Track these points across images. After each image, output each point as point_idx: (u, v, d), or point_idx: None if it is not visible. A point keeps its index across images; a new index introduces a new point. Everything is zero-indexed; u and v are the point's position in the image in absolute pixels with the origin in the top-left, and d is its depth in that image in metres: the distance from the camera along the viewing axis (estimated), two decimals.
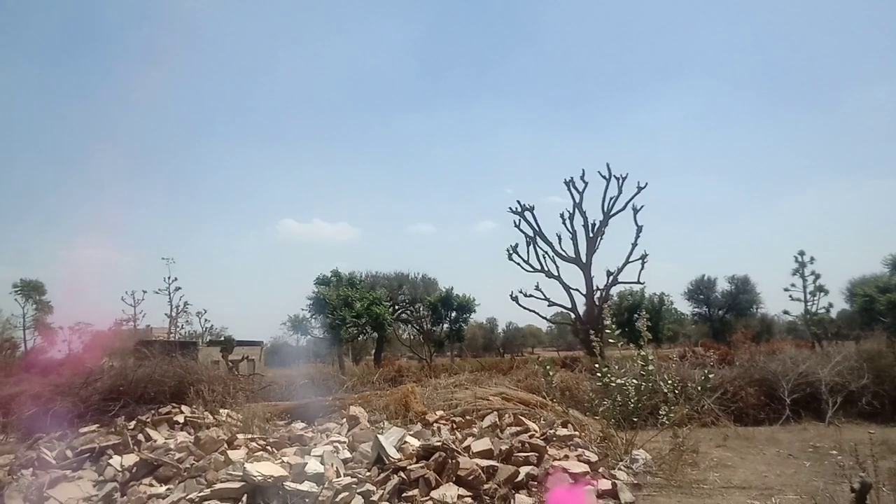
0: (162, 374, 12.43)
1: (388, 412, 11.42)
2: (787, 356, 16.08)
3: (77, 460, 8.70)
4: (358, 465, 8.06)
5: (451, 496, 7.05)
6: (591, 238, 31.14)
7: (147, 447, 8.94)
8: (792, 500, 7.09)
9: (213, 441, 8.76)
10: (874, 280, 41.36)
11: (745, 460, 9.86)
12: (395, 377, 18.75)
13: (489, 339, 69.98)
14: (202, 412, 10.89)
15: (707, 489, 8.02)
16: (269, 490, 7.03)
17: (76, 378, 12.59)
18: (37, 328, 47.76)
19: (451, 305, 41.19)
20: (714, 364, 10.97)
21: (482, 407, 11.43)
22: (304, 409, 12.06)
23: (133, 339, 23.80)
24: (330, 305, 36.14)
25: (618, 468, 8.59)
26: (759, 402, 14.09)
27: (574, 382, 14.66)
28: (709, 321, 57.69)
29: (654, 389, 10.31)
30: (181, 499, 7.06)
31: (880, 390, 13.72)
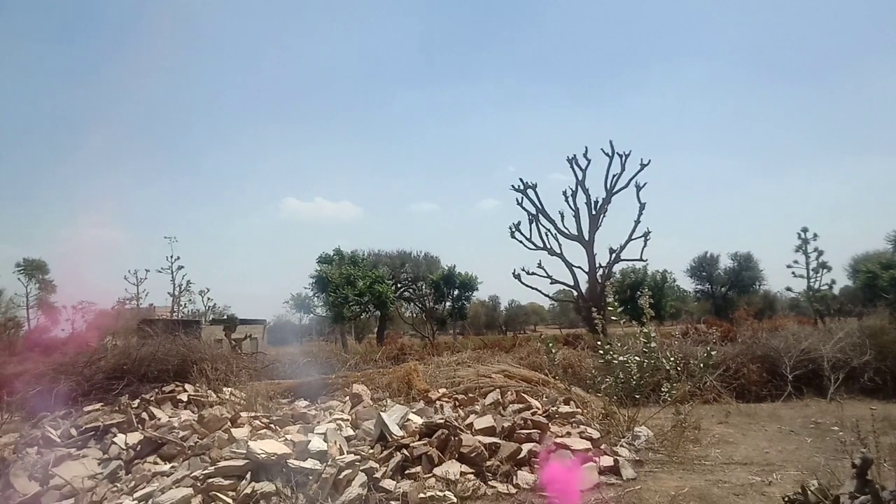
0: (165, 352, 12.46)
1: (390, 390, 11.46)
2: (790, 333, 16.08)
3: (81, 439, 8.74)
4: (361, 443, 8.09)
5: (453, 473, 7.08)
6: (593, 215, 31.09)
7: (151, 425, 8.98)
8: (793, 476, 7.11)
9: (217, 419, 8.79)
10: (877, 256, 41.28)
11: (747, 437, 9.89)
12: (397, 355, 18.82)
13: (492, 317, 70.16)
14: (205, 390, 10.93)
15: (709, 465, 8.05)
16: (273, 468, 7.06)
17: (80, 357, 12.62)
18: (40, 307, 47.93)
19: (453, 283, 41.22)
20: (716, 341, 10.98)
21: (485, 384, 11.46)
22: (307, 387, 12.10)
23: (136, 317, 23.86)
24: (332, 284, 36.17)
25: (620, 445, 8.61)
26: (761, 379, 14.11)
27: (576, 360, 14.68)
28: (711, 298, 57.74)
29: (657, 366, 10.33)
30: (185, 476, 7.09)
31: (882, 367, 13.73)
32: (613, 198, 31.11)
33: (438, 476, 7.06)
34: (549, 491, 6.65)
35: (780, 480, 7.10)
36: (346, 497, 6.75)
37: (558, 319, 74.43)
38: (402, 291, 46.10)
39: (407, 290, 46.73)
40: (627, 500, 6.53)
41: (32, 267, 50.58)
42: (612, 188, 30.98)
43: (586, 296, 31.03)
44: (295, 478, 6.95)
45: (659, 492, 6.79)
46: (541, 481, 6.96)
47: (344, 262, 38.83)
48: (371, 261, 43.63)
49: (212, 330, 24.35)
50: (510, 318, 72.55)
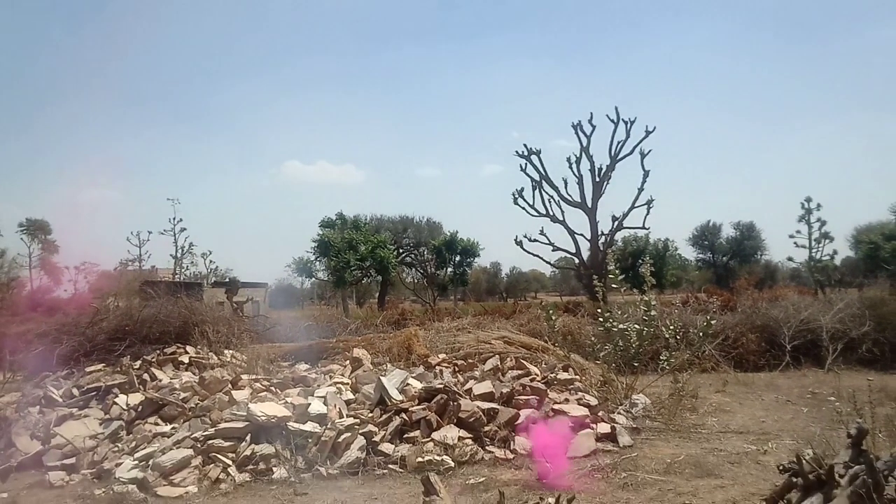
0: (167, 314, 12.49)
1: (391, 355, 11.50)
2: (790, 303, 16.11)
3: (83, 399, 8.80)
4: (360, 407, 8.14)
5: (452, 437, 7.14)
6: (597, 183, 30.94)
7: (152, 387, 9.04)
8: (788, 445, 7.17)
9: (218, 381, 8.85)
10: (880, 227, 41.15)
11: (744, 406, 9.95)
12: (398, 320, 18.88)
13: (493, 284, 70.28)
14: (207, 353, 10.98)
15: (705, 433, 8.11)
16: (273, 430, 7.13)
17: (82, 317, 12.65)
18: (42, 267, 47.98)
19: (455, 249, 41.19)
20: (716, 310, 11.00)
21: (484, 350, 11.50)
22: (307, 350, 12.15)
23: (138, 279, 23.89)
24: (334, 248, 36.18)
25: (617, 412, 8.66)
26: (759, 349, 14.16)
27: (576, 327, 14.73)
28: (713, 267, 57.76)
29: (656, 335, 10.36)
30: (186, 437, 7.16)
31: (881, 338, 13.76)
32: (617, 165, 30.93)
33: (437, 440, 7.12)
34: (538, 457, 6.72)
35: (775, 449, 7.16)
36: (345, 460, 6.82)
37: (559, 287, 74.48)
38: (404, 257, 46.11)
39: (409, 255, 46.74)
40: (624, 466, 6.59)
41: (35, 227, 50.55)
42: (617, 155, 30.79)
43: (588, 263, 31.02)
44: (294, 440, 7.01)
45: (655, 459, 6.85)
46: (533, 447, 7.01)
47: (346, 227, 38.80)
48: (373, 225, 43.58)
49: (213, 292, 24.43)
50: (511, 284, 72.64)
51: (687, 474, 6.28)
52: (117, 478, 6.35)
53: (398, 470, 6.76)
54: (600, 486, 6.06)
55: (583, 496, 5.57)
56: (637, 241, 46.05)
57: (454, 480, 6.29)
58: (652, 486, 5.91)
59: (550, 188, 31.39)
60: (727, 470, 6.40)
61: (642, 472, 6.36)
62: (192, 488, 6.34)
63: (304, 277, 45.26)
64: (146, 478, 6.34)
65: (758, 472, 6.33)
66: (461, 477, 6.42)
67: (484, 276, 66.62)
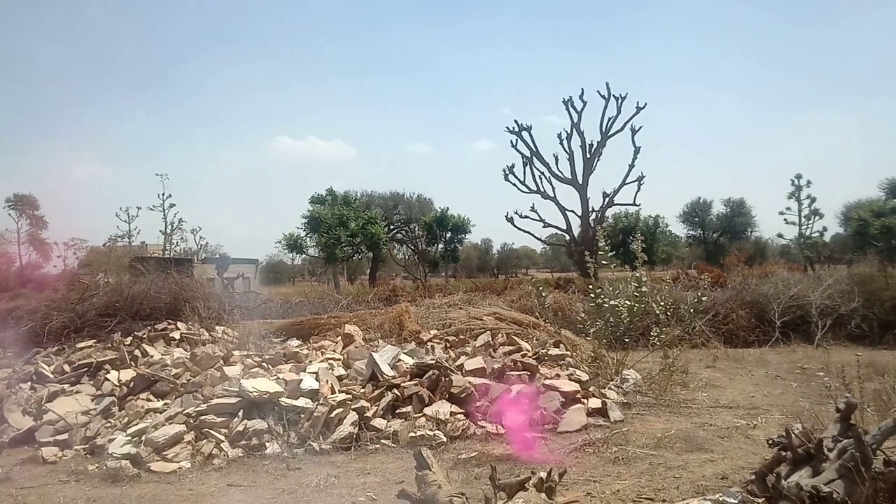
0: (157, 290, 12.44)
1: (382, 331, 11.52)
2: (779, 279, 16.22)
3: (75, 375, 8.79)
4: (352, 382, 8.17)
5: (443, 413, 7.17)
6: (588, 159, 30.92)
7: (144, 363, 9.03)
8: (778, 420, 7.23)
9: (209, 357, 8.85)
10: (869, 204, 41.32)
11: (734, 381, 10.02)
12: (389, 296, 18.87)
13: (484, 260, 70.26)
14: (198, 329, 10.96)
15: (695, 408, 8.17)
16: (265, 406, 7.14)
17: (72, 293, 12.59)
18: (31, 243, 47.76)
19: (446, 226, 41.10)
20: (706, 287, 11.04)
21: (476, 326, 11.53)
22: (299, 326, 12.15)
23: (128, 255, 23.79)
24: (325, 224, 36.06)
25: (608, 387, 8.71)
26: (749, 325, 14.26)
27: (567, 303, 14.76)
28: (703, 244, 57.88)
29: (647, 311, 10.39)
30: (178, 413, 7.16)
31: (870, 313, 13.87)
32: (608, 141, 30.91)
33: (429, 415, 7.16)
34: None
35: (764, 424, 7.22)
36: (338, 435, 6.85)
37: (550, 263, 74.51)
38: (395, 233, 46.01)
39: (399, 231, 46.62)
40: (614, 441, 6.63)
41: (23, 202, 50.15)
42: (608, 131, 30.75)
43: (578, 240, 31.09)
44: (287, 416, 7.04)
45: (645, 433, 6.89)
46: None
47: (336, 203, 38.64)
48: (364, 202, 43.42)
49: (204, 268, 24.39)
50: (502, 261, 72.64)
51: (677, 448, 6.33)
52: (110, 453, 6.36)
53: (390, 445, 6.79)
54: (591, 460, 6.11)
55: (574, 470, 5.62)
56: (628, 218, 46.03)
57: (446, 455, 6.33)
58: (642, 461, 5.95)
59: (541, 164, 31.38)
60: (717, 444, 6.45)
61: (633, 447, 6.40)
62: (186, 464, 6.35)
63: (294, 254, 45.08)
64: (139, 453, 6.35)
65: (747, 446, 6.38)
66: (453, 451, 6.46)
67: (475, 252, 66.56)
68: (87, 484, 5.91)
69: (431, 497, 4.18)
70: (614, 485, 5.27)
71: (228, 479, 5.94)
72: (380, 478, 5.81)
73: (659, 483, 5.26)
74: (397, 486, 4.97)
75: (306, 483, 5.66)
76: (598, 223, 29.69)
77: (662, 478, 5.41)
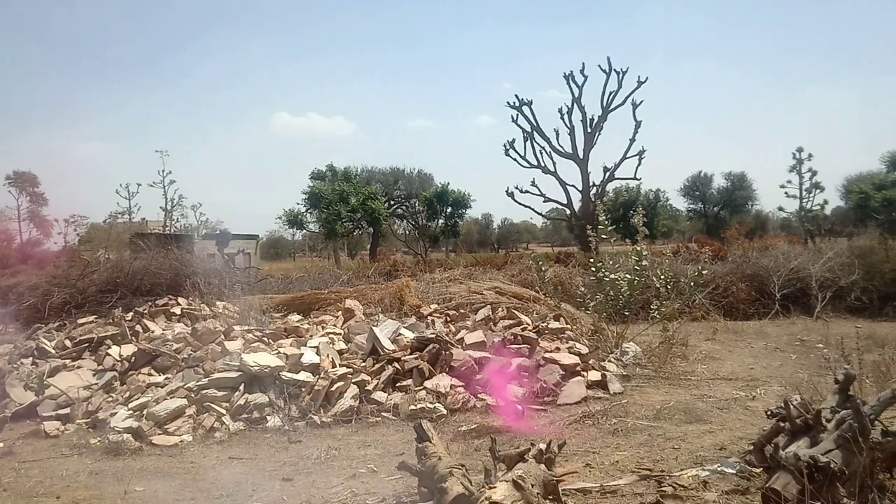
0: (158, 266, 12.43)
1: (383, 305, 11.54)
2: (780, 252, 16.20)
3: (76, 350, 8.81)
4: (353, 357, 8.19)
5: (443, 386, 7.20)
6: (588, 133, 30.82)
7: (145, 338, 9.04)
8: (777, 391, 7.26)
9: (210, 332, 8.86)
10: (870, 177, 41.14)
11: (733, 353, 10.05)
12: (390, 271, 18.86)
13: (484, 235, 70.18)
14: (198, 304, 10.97)
15: (694, 380, 8.20)
16: (266, 380, 7.16)
17: (72, 269, 12.58)
18: (31, 220, 47.74)
19: (446, 201, 40.98)
20: (707, 260, 11.04)
21: (476, 301, 11.55)
22: (300, 301, 12.16)
23: (128, 231, 23.75)
24: (325, 200, 35.99)
25: (608, 360, 8.74)
26: (749, 297, 14.28)
27: (567, 277, 14.77)
28: (704, 217, 57.84)
29: (647, 284, 10.40)
30: (179, 388, 7.19)
31: (870, 286, 13.90)
32: (609, 115, 30.81)
33: (429, 388, 7.18)
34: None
35: (763, 395, 7.25)
36: (339, 408, 6.88)
37: (551, 238, 74.43)
38: (395, 208, 45.93)
39: (400, 207, 46.54)
40: (614, 412, 6.66)
41: (23, 179, 50.08)
42: (609, 106, 30.62)
43: (579, 214, 31.06)
44: (288, 389, 7.06)
45: (645, 405, 6.93)
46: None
47: (337, 179, 38.53)
48: (364, 177, 43.32)
49: (204, 244, 24.36)
50: (503, 236, 72.52)
51: (676, 420, 6.36)
52: (112, 427, 6.39)
53: (391, 418, 6.83)
54: (591, 431, 6.15)
55: (573, 442, 5.65)
56: (628, 192, 45.99)
57: (446, 427, 6.36)
58: (642, 432, 5.99)
59: (542, 139, 31.29)
60: (716, 415, 6.48)
61: (632, 418, 6.43)
62: (187, 437, 6.39)
63: (294, 230, 45.02)
64: (141, 427, 6.38)
65: (746, 417, 6.41)
66: (453, 424, 6.49)
67: (475, 227, 66.46)
68: (90, 457, 5.94)
69: (431, 469, 4.20)
70: (613, 456, 5.30)
71: (230, 452, 5.98)
72: (380, 450, 5.85)
73: (658, 454, 5.29)
74: (398, 457, 5.01)
75: (307, 455, 5.69)
76: (599, 198, 29.68)
77: (661, 449, 5.44)
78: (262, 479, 5.10)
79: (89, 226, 34.98)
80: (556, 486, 4.02)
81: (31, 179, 50.24)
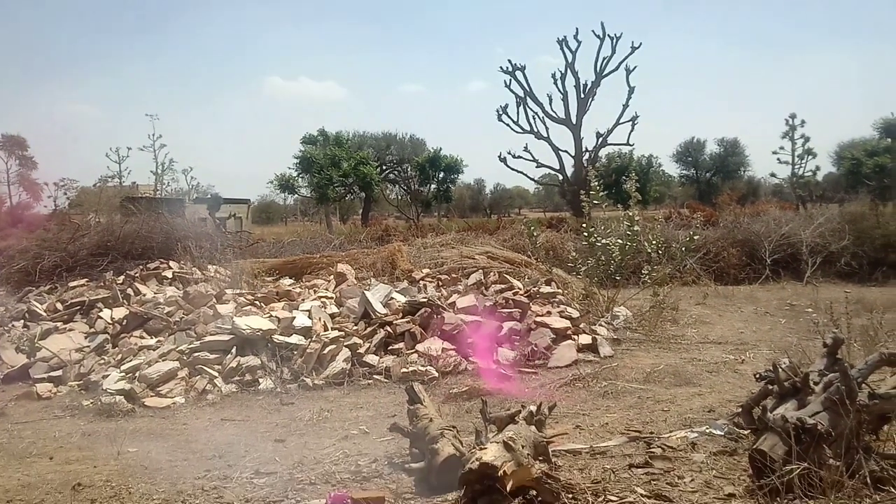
0: (149, 230, 12.39)
1: (374, 270, 11.52)
2: (771, 218, 16.28)
3: (67, 313, 8.79)
4: (345, 320, 8.20)
5: (435, 349, 7.23)
6: (582, 99, 30.69)
7: (136, 301, 9.02)
8: (766, 355, 7.31)
9: (202, 296, 8.84)
10: (863, 143, 41.15)
11: (723, 317, 10.12)
12: (382, 236, 18.87)
13: (476, 200, 69.99)
14: (190, 268, 10.94)
15: (685, 344, 8.26)
16: (258, 343, 7.18)
17: (63, 233, 12.52)
18: (21, 184, 47.37)
19: (438, 166, 40.86)
20: (699, 225, 11.08)
21: (468, 265, 11.55)
22: (291, 266, 12.14)
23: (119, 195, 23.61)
24: (317, 165, 35.84)
25: (599, 324, 8.77)
26: (740, 263, 14.37)
27: (559, 242, 14.80)
28: (696, 183, 57.78)
29: (638, 250, 10.42)
30: (171, 350, 7.21)
31: (860, 251, 13.99)
32: (603, 81, 30.64)
33: (421, 352, 7.21)
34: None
35: (752, 359, 7.32)
36: (331, 371, 6.91)
37: (543, 203, 74.28)
38: (387, 174, 45.74)
39: (392, 172, 46.36)
40: (604, 375, 6.71)
41: (11, 143, 49.55)
42: (602, 71, 30.45)
43: (572, 180, 31.01)
44: (280, 352, 7.08)
45: (635, 368, 6.98)
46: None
47: (328, 143, 38.33)
48: (356, 142, 43.08)
49: (195, 208, 24.27)
50: (495, 201, 72.31)
51: (666, 383, 6.41)
52: (104, 389, 6.41)
53: (383, 380, 6.87)
54: (581, 394, 6.20)
55: (563, 404, 5.69)
56: (621, 158, 45.82)
57: (438, 390, 6.40)
58: (631, 395, 6.04)
59: (535, 104, 31.14)
60: (705, 378, 6.54)
61: (622, 381, 6.49)
62: (180, 399, 6.41)
63: (286, 194, 44.81)
64: (133, 389, 6.40)
65: (735, 380, 6.47)
66: (445, 387, 6.52)
67: (468, 192, 66.23)
68: (82, 419, 5.96)
69: (423, 430, 4.23)
70: (603, 418, 5.35)
71: (222, 414, 6.01)
72: (372, 412, 5.89)
73: (647, 416, 5.34)
74: (389, 419, 5.04)
75: (299, 417, 5.73)
76: (591, 163, 29.62)
77: (650, 411, 5.49)
78: (254, 440, 5.13)
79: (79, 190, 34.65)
80: (546, 448, 4.05)
81: (20, 143, 49.71)
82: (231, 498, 3.92)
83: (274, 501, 3.85)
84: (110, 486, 4.13)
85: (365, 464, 4.45)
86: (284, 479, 4.19)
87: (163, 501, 3.89)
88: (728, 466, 4.08)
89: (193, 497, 3.95)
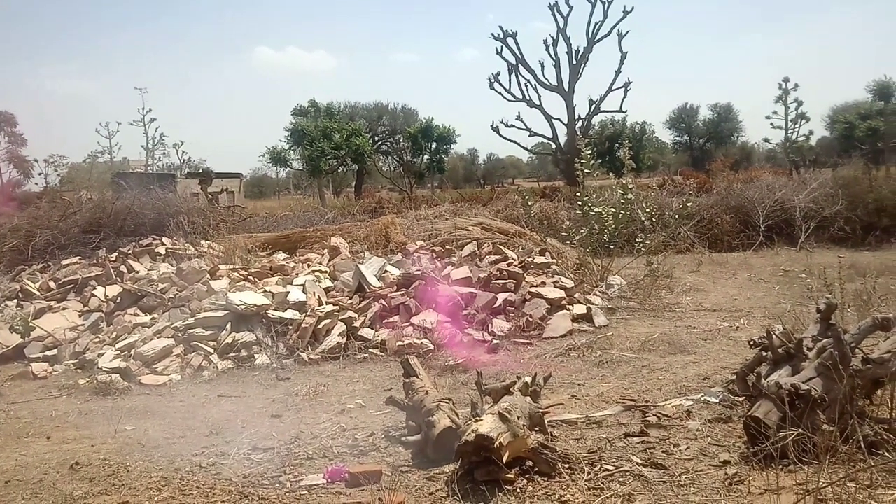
0: (141, 206, 12.34)
1: (368, 243, 11.48)
2: (764, 184, 16.26)
3: (61, 292, 8.77)
4: (339, 294, 8.19)
5: (430, 321, 7.23)
6: (574, 65, 30.51)
7: (130, 278, 8.99)
8: (760, 322, 7.34)
9: (196, 272, 8.81)
10: (856, 107, 41.08)
11: (717, 285, 10.14)
12: (375, 208, 18.82)
13: (470, 171, 69.84)
14: (183, 244, 10.90)
15: (679, 312, 8.29)
16: (253, 318, 7.17)
17: (55, 211, 12.46)
18: (10, 161, 46.99)
19: (431, 137, 40.64)
20: (692, 192, 11.07)
21: (462, 237, 11.53)
22: (285, 240, 12.11)
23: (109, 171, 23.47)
24: (308, 137, 35.62)
25: (593, 294, 8.79)
26: (734, 229, 14.38)
27: (552, 212, 14.78)
28: (689, 150, 57.67)
29: (632, 218, 10.41)
30: (166, 327, 7.20)
31: (853, 216, 14.01)
32: (595, 47, 30.44)
33: (416, 325, 7.22)
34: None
35: (746, 326, 7.35)
36: (326, 345, 6.92)
37: (536, 172, 74.10)
38: (380, 145, 45.48)
39: (384, 143, 46.09)
40: (599, 345, 6.73)
41: (0, 119, 49.07)
42: (594, 37, 30.23)
43: (565, 148, 30.92)
44: (275, 328, 7.08)
45: (629, 337, 7.00)
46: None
47: (319, 115, 38.09)
48: (347, 113, 42.78)
49: (187, 183, 24.13)
50: (488, 171, 72.17)
51: (661, 351, 6.44)
52: (100, 367, 6.42)
53: (378, 354, 6.88)
54: (576, 364, 6.21)
55: (559, 374, 5.72)
56: (614, 125, 45.64)
57: (433, 362, 6.40)
58: (626, 363, 6.06)
59: (527, 72, 30.96)
60: (700, 346, 6.56)
61: (617, 350, 6.51)
62: (176, 376, 6.42)
63: (278, 167, 44.56)
64: (129, 367, 6.41)
65: (729, 347, 6.50)
66: (440, 359, 6.53)
67: (461, 163, 66.04)
68: (79, 398, 5.97)
69: (419, 403, 4.24)
70: (598, 387, 5.37)
71: (218, 390, 6.02)
72: (368, 385, 5.90)
73: (642, 385, 5.37)
74: (386, 393, 5.05)
75: (296, 392, 5.73)
76: (585, 131, 29.51)
77: (646, 380, 5.51)
78: (251, 416, 5.14)
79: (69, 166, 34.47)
80: (541, 418, 4.07)
81: (8, 119, 49.20)
82: (228, 474, 3.94)
83: (271, 477, 3.86)
84: (108, 465, 4.14)
85: (362, 438, 4.46)
86: (282, 454, 4.21)
87: (161, 479, 3.89)
88: (723, 433, 4.11)
89: (191, 474, 3.96)
